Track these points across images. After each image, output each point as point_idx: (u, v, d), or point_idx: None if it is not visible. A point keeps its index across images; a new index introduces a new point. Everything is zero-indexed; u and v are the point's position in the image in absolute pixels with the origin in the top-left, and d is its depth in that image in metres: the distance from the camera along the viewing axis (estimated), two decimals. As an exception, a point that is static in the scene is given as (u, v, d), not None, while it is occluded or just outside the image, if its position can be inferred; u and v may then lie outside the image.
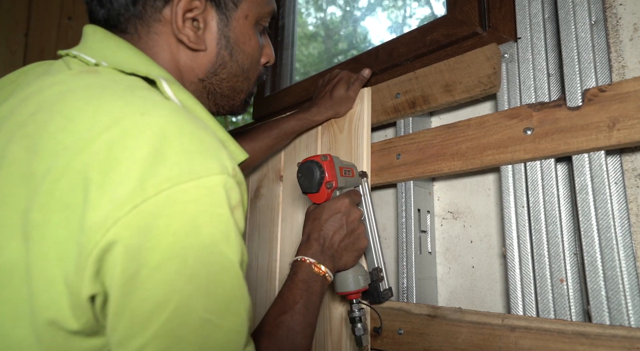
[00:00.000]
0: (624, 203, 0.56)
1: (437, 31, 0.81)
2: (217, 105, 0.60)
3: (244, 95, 0.61)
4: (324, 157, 0.67)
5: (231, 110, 0.62)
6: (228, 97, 0.60)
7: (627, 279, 0.53)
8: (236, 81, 0.59)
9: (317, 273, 0.61)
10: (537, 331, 0.56)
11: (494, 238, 0.74)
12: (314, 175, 0.66)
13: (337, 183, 0.67)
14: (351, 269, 0.68)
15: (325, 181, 0.66)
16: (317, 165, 0.66)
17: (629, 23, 0.62)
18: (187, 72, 0.55)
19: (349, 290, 0.67)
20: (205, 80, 0.56)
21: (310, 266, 0.61)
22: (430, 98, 0.77)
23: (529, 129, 0.62)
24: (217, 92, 0.58)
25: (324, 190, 0.66)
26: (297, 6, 1.40)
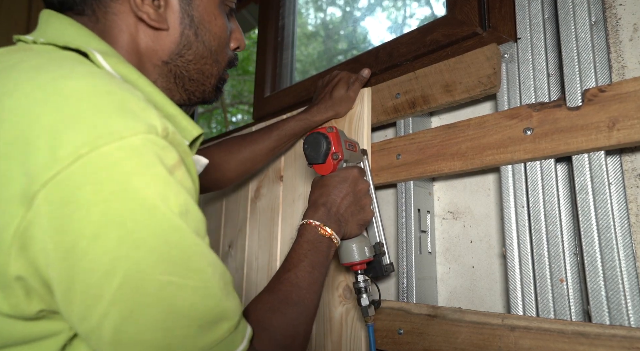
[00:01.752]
0: (623, 203, 0.56)
1: (437, 31, 0.81)
2: (187, 91, 0.57)
3: (214, 80, 0.59)
4: (330, 128, 0.67)
5: (203, 96, 0.59)
6: (197, 81, 0.57)
7: (627, 279, 0.53)
8: (204, 63, 0.56)
9: (323, 234, 0.60)
10: (537, 331, 0.56)
11: (494, 238, 0.74)
12: (321, 146, 0.66)
13: (343, 155, 0.68)
14: (355, 239, 0.68)
15: (331, 152, 0.66)
16: (324, 136, 0.66)
17: (628, 23, 0.62)
18: (149, 54, 0.52)
19: (354, 260, 0.67)
20: (170, 62, 0.53)
21: (316, 229, 0.60)
22: (430, 98, 0.77)
23: (529, 129, 0.62)
24: (184, 76, 0.55)
25: (330, 161, 0.66)
26: (297, 6, 1.40)
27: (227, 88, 5.77)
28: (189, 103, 0.59)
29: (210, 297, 0.38)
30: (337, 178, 0.66)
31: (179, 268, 0.36)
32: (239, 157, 0.85)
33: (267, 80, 1.28)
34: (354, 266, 0.68)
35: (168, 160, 0.38)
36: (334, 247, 0.62)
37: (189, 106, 0.61)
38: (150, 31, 0.51)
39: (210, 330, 0.38)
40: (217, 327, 0.39)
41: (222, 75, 0.60)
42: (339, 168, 0.68)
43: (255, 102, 1.29)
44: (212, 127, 5.89)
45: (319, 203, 0.64)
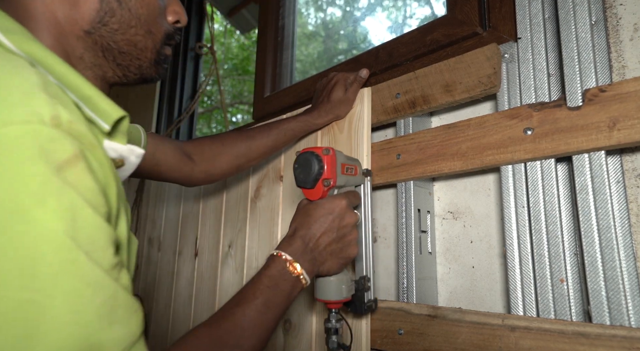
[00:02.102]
0: (624, 203, 0.56)
1: (437, 31, 0.81)
2: (120, 66, 0.52)
3: (150, 54, 0.53)
4: (326, 150, 0.61)
5: (141, 73, 0.53)
6: (129, 54, 0.51)
7: (628, 279, 0.53)
8: (134, 34, 0.50)
9: (290, 272, 0.55)
10: (538, 331, 0.56)
11: (494, 238, 0.74)
12: (312, 169, 0.59)
13: (336, 182, 0.62)
14: (335, 276, 0.62)
15: (322, 177, 0.60)
16: (317, 158, 0.60)
17: (629, 23, 0.62)
18: (69, 25, 0.47)
19: (328, 298, 0.62)
20: (94, 32, 0.48)
21: (284, 263, 0.55)
22: (430, 98, 0.77)
23: (529, 129, 0.62)
24: (112, 48, 0.50)
25: (319, 187, 0.60)
26: (297, 6, 1.40)
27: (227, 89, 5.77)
28: (126, 81, 0.54)
29: (79, 325, 0.32)
30: (322, 209, 0.60)
31: (44, 285, 0.31)
32: (233, 151, 0.81)
33: (267, 80, 1.28)
34: (328, 305, 0.64)
35: (58, 155, 0.33)
36: (300, 288, 0.56)
37: (128, 84, 0.55)
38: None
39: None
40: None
41: (160, 49, 0.54)
42: (330, 194, 0.63)
43: (255, 102, 1.29)
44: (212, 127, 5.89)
45: (297, 235, 0.58)
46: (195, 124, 1.72)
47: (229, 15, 2.12)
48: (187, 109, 1.62)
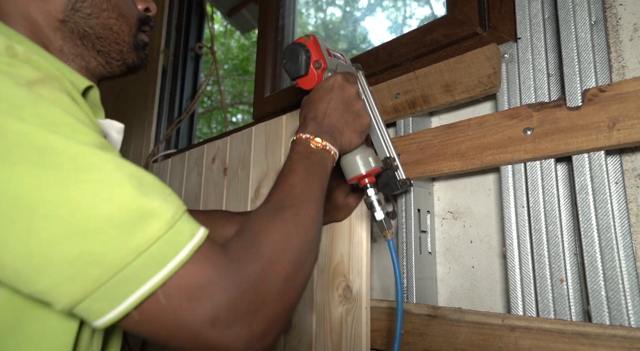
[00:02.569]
0: (624, 203, 0.56)
1: (437, 31, 0.81)
2: (101, 53, 0.53)
3: (128, 38, 0.54)
4: (306, 36, 0.62)
5: (122, 58, 0.55)
6: (107, 39, 0.52)
7: (627, 279, 0.53)
8: (107, 17, 0.52)
9: (316, 146, 0.54)
10: (537, 331, 0.56)
11: (494, 238, 0.74)
12: (300, 56, 0.60)
13: (326, 64, 0.62)
14: (358, 150, 0.62)
15: (312, 60, 0.61)
16: (301, 45, 0.61)
17: (629, 23, 0.62)
18: (43, 18, 0.48)
19: (360, 172, 0.62)
20: (68, 20, 0.49)
21: (306, 141, 0.55)
22: (430, 98, 0.77)
23: (529, 129, 0.62)
24: (89, 34, 0.51)
25: (312, 72, 0.61)
26: (297, 6, 1.40)
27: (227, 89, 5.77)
28: (111, 70, 0.55)
29: (117, 193, 0.33)
30: (322, 90, 0.61)
31: (66, 172, 0.32)
32: (222, 233, 0.77)
33: (267, 80, 1.28)
34: (361, 180, 0.63)
35: (21, 75, 0.34)
36: (331, 159, 0.56)
37: (114, 75, 0.56)
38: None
39: (135, 229, 0.33)
40: (145, 225, 0.33)
41: (137, 34, 0.56)
42: (324, 78, 0.62)
43: (255, 102, 1.29)
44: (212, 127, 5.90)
45: (308, 118, 0.59)
46: (195, 124, 1.72)
47: (229, 15, 2.12)
48: (187, 109, 1.62)
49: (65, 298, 0.32)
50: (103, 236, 0.32)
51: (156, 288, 0.33)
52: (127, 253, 0.32)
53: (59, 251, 0.31)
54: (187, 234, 0.35)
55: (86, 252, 0.32)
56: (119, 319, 0.33)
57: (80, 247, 0.32)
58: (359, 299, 0.75)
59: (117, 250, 0.32)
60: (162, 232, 0.34)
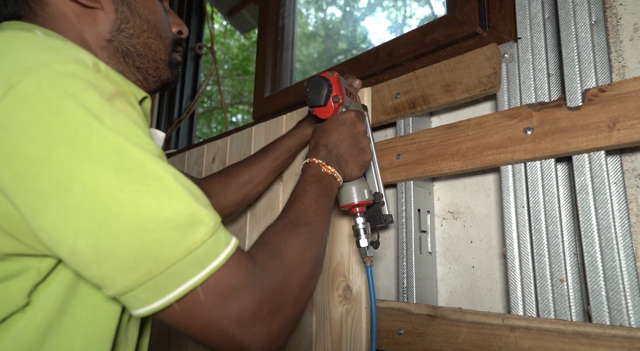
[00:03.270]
0: (624, 203, 0.56)
1: (437, 31, 0.81)
2: (140, 70, 0.59)
3: (164, 56, 0.61)
4: (331, 72, 0.69)
5: (158, 75, 0.61)
6: (146, 56, 0.59)
7: (627, 279, 0.53)
8: (147, 37, 0.58)
9: (326, 172, 0.61)
10: (537, 331, 0.56)
11: (494, 238, 0.74)
12: (322, 89, 0.67)
13: (344, 100, 0.69)
14: (355, 181, 0.69)
15: (332, 95, 0.68)
16: (325, 79, 0.68)
17: (629, 23, 0.62)
18: (94, 39, 0.55)
19: (353, 201, 0.68)
20: (114, 40, 0.56)
21: (319, 166, 0.61)
22: (430, 98, 0.77)
23: (529, 129, 0.62)
24: (131, 52, 0.57)
25: (330, 104, 0.68)
26: (297, 6, 1.40)
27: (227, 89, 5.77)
28: (147, 85, 0.61)
29: (176, 200, 0.38)
30: (336, 121, 0.67)
31: (136, 176, 0.37)
32: (239, 180, 0.86)
33: (267, 80, 1.28)
34: (353, 209, 0.69)
35: (104, 89, 0.39)
36: (337, 185, 0.62)
37: (150, 91, 0.61)
38: (87, 13, 0.54)
39: (186, 233, 0.37)
40: (194, 230, 0.38)
41: (171, 54, 0.62)
42: (339, 112, 0.69)
43: (255, 102, 1.29)
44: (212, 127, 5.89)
45: (320, 144, 0.65)
46: (195, 124, 1.72)
47: (229, 15, 2.12)
48: (187, 109, 1.62)
49: (120, 286, 0.36)
50: (161, 235, 0.36)
51: (197, 285, 0.37)
52: (179, 252, 0.37)
53: (124, 244, 0.35)
54: (224, 241, 0.40)
55: (146, 247, 0.36)
56: (160, 309, 0.37)
57: (142, 243, 0.36)
58: (359, 299, 0.75)
59: (171, 249, 0.36)
60: (207, 237, 0.38)
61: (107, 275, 0.36)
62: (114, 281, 0.36)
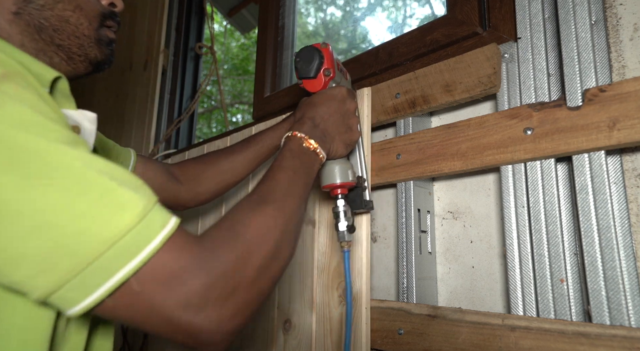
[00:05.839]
0: (624, 203, 0.56)
1: (437, 31, 0.81)
2: (61, 47, 0.53)
3: (88, 31, 0.54)
4: (324, 44, 0.66)
5: (84, 53, 0.54)
6: (64, 31, 0.52)
7: (628, 279, 0.53)
8: (62, 9, 0.51)
9: (307, 146, 0.58)
10: (538, 331, 0.56)
11: (494, 238, 0.74)
12: (314, 60, 0.64)
13: (335, 74, 0.66)
14: (339, 160, 0.66)
15: (324, 67, 0.64)
16: (317, 50, 0.64)
17: (629, 23, 0.62)
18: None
19: (335, 181, 0.65)
20: (22, 12, 0.49)
21: (300, 140, 0.58)
22: (430, 98, 0.77)
23: (529, 129, 0.62)
24: (45, 26, 0.51)
25: (321, 77, 0.65)
26: (297, 6, 1.40)
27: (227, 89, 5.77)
28: (75, 67, 0.55)
29: (88, 188, 0.35)
30: (326, 95, 0.64)
31: (35, 170, 0.34)
32: (217, 168, 0.82)
33: (267, 80, 1.28)
34: (334, 190, 0.66)
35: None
36: (319, 162, 0.59)
37: (80, 73, 0.56)
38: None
39: (108, 221, 0.35)
40: (117, 217, 0.35)
41: (98, 29, 0.55)
42: (329, 87, 0.66)
43: (255, 102, 1.29)
44: (212, 127, 5.89)
45: (306, 116, 0.62)
46: (195, 124, 1.72)
47: (229, 15, 2.12)
48: (187, 109, 1.62)
49: (40, 288, 0.34)
50: (75, 229, 0.34)
51: (129, 277, 0.35)
52: (100, 244, 0.34)
53: (31, 245, 0.33)
54: (159, 224, 0.37)
55: (59, 244, 0.33)
56: (93, 306, 0.35)
57: (53, 241, 0.33)
58: (359, 299, 0.75)
59: (90, 242, 0.34)
60: (134, 222, 0.35)
61: (24, 280, 0.34)
62: (34, 285, 0.34)
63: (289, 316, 0.89)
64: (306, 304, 0.85)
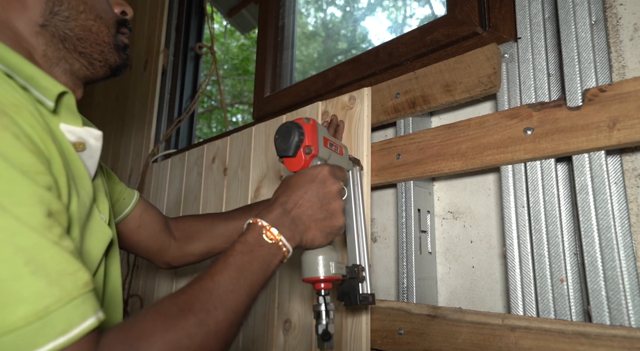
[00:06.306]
0: (624, 203, 0.56)
1: (437, 31, 0.81)
2: (83, 55, 0.54)
3: (107, 38, 0.56)
4: (306, 119, 0.59)
5: (104, 59, 0.56)
6: (87, 40, 0.54)
7: (628, 279, 0.53)
8: (85, 19, 0.53)
9: (267, 238, 0.50)
10: (538, 331, 0.56)
11: (494, 238, 0.74)
12: (292, 137, 0.57)
13: (318, 151, 0.59)
14: (322, 250, 0.57)
15: (304, 144, 0.58)
16: (297, 126, 0.58)
17: (629, 23, 0.62)
18: (24, 25, 0.50)
19: (316, 275, 0.56)
20: (48, 24, 0.51)
21: (260, 229, 0.51)
22: (430, 98, 0.77)
23: (529, 129, 0.62)
24: (70, 36, 0.52)
25: (300, 155, 0.58)
26: (297, 6, 1.40)
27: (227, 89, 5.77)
28: (94, 71, 0.56)
29: None
30: (304, 176, 0.57)
31: None
32: (213, 231, 0.79)
33: (267, 80, 1.28)
34: (316, 284, 0.57)
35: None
36: (280, 257, 0.51)
37: (98, 77, 0.58)
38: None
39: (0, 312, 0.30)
40: (9, 310, 0.31)
41: (116, 36, 0.58)
42: (312, 165, 0.60)
43: (255, 102, 1.29)
44: (212, 127, 5.89)
45: (277, 202, 0.55)
46: (195, 124, 1.72)
47: (229, 15, 2.12)
48: (187, 109, 1.62)
49: None
50: None
51: None
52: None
53: None
54: (59, 328, 0.32)
55: None
56: None
57: None
58: (359, 299, 0.75)
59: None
60: (24, 322, 0.31)
61: None
62: None
63: (289, 316, 0.89)
64: (306, 304, 0.85)
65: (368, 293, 0.63)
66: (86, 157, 0.51)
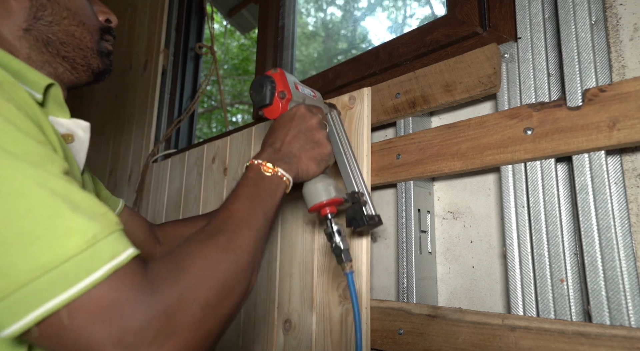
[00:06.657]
0: (624, 203, 0.56)
1: (437, 31, 0.81)
2: (67, 59, 0.56)
3: (90, 44, 0.58)
4: (273, 69, 0.64)
5: (87, 63, 0.58)
6: (70, 44, 0.56)
7: (628, 279, 0.53)
8: (68, 24, 0.56)
9: (266, 171, 0.55)
10: (538, 331, 0.56)
11: (494, 238, 0.74)
12: (265, 87, 0.62)
13: (292, 95, 0.63)
14: (318, 178, 0.62)
15: (277, 91, 0.62)
16: (267, 76, 0.63)
17: (629, 23, 0.62)
18: (8, 28, 0.52)
19: (319, 200, 0.61)
20: (32, 29, 0.53)
21: (258, 167, 0.55)
22: (430, 98, 0.77)
23: (529, 129, 0.62)
24: (53, 40, 0.55)
25: (277, 102, 0.62)
26: (297, 6, 1.40)
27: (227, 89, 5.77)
28: (78, 76, 0.58)
29: (33, 210, 0.33)
30: (283, 118, 0.62)
31: None
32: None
33: (267, 80, 1.28)
34: (322, 210, 0.62)
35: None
36: (283, 185, 0.56)
37: (82, 82, 0.59)
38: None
39: (49, 246, 0.33)
40: (59, 242, 0.33)
41: (99, 42, 0.60)
42: (289, 109, 0.64)
43: (255, 102, 1.29)
44: (212, 127, 5.89)
45: (266, 144, 0.60)
46: (195, 124, 1.72)
47: (229, 15, 2.12)
48: (187, 109, 1.62)
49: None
50: (12, 249, 0.32)
51: (60, 307, 0.32)
52: (35, 268, 0.32)
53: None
54: (107, 255, 0.34)
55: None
56: (20, 334, 0.32)
57: None
58: (359, 299, 0.75)
59: (25, 264, 0.32)
60: (77, 250, 0.33)
61: None
62: None
63: (289, 316, 0.89)
64: (306, 304, 0.85)
65: (374, 214, 0.66)
66: (75, 149, 0.53)
